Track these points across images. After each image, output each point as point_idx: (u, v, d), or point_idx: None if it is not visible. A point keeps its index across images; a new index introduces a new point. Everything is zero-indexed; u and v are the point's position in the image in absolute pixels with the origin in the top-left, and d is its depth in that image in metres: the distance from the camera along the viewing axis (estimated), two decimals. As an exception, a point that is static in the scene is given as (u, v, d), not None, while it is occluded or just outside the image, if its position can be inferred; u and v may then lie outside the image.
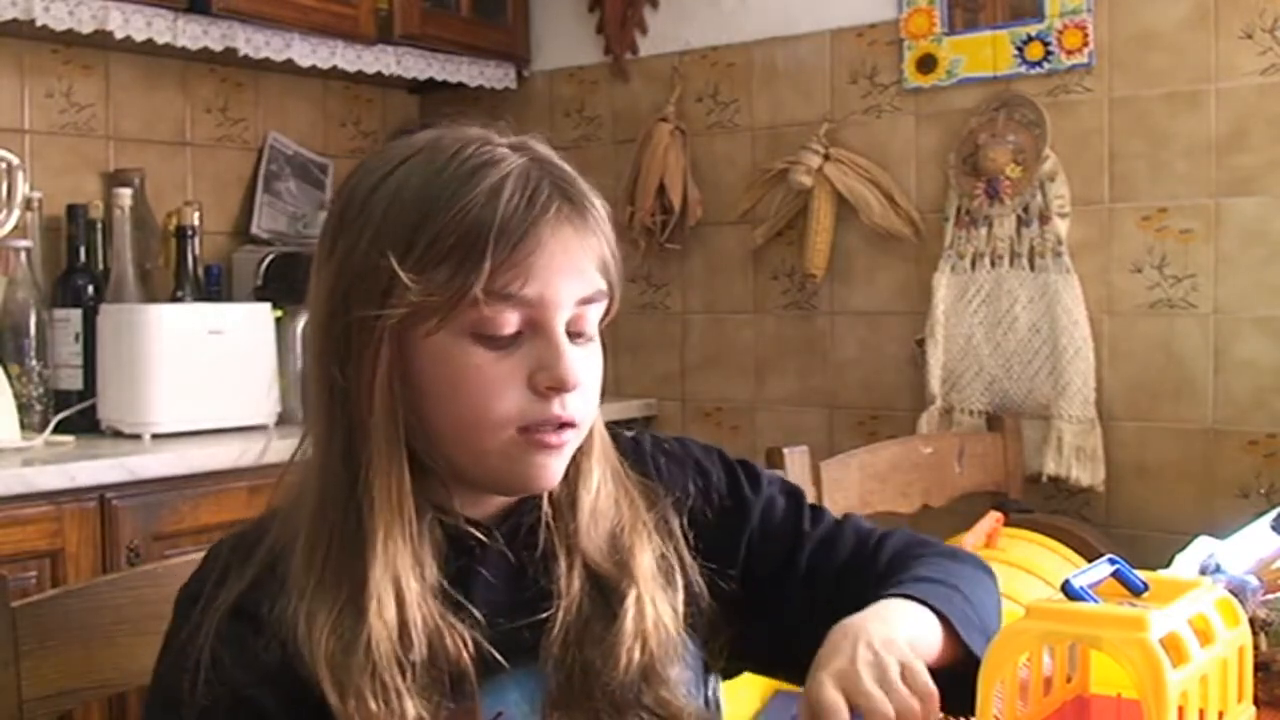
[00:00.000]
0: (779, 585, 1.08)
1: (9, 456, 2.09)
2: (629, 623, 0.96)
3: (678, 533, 1.04)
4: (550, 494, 0.99)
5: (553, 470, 0.96)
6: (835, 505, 1.99)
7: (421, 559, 0.92)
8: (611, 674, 0.95)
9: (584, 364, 0.95)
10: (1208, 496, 2.37)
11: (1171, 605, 0.86)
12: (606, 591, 0.98)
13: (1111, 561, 0.92)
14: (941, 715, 0.90)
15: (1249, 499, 2.31)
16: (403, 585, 0.90)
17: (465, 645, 0.91)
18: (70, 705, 1.13)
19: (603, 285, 0.96)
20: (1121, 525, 2.46)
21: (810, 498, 1.15)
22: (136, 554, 2.04)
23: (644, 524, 1.02)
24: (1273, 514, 1.66)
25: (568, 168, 0.96)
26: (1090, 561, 1.97)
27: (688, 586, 1.02)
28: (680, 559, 1.03)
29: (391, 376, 0.91)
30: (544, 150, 0.96)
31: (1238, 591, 1.19)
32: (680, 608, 1.01)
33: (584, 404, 0.95)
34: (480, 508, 0.99)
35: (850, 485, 2.06)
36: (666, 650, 0.98)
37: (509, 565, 0.98)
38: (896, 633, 0.92)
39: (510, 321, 0.91)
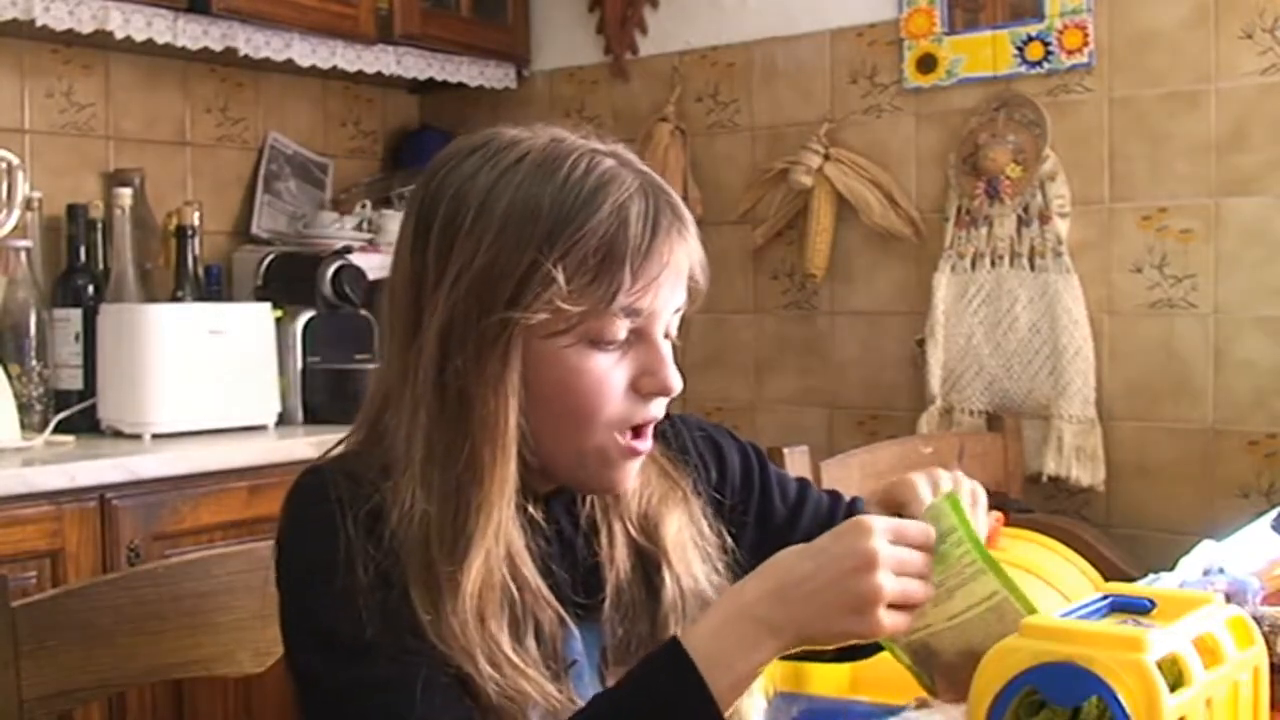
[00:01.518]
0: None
1: (9, 456, 2.09)
2: (669, 592, 1.05)
3: (706, 503, 1.13)
4: None
5: (634, 475, 1.03)
6: (835, 505, 1.99)
7: (514, 533, 0.99)
8: (661, 640, 1.02)
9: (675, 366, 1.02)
10: (1208, 496, 2.37)
11: (1174, 624, 0.83)
12: (646, 561, 1.07)
13: (1104, 597, 0.90)
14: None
15: (1249, 499, 2.31)
16: (509, 547, 0.98)
17: (550, 598, 0.99)
18: (70, 705, 1.14)
19: (693, 287, 1.03)
20: (1121, 525, 2.46)
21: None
22: (136, 554, 2.04)
23: (674, 495, 1.10)
24: (1273, 514, 1.66)
25: (662, 180, 1.02)
26: (1090, 561, 1.96)
27: (722, 551, 1.11)
28: (712, 527, 1.11)
29: (515, 376, 0.96)
30: (637, 161, 1.02)
31: (1237, 593, 1.19)
32: (715, 577, 1.09)
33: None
34: (542, 484, 1.05)
35: (850, 485, 2.06)
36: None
37: (566, 535, 1.06)
38: None
39: (624, 329, 0.98)
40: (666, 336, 1.02)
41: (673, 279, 1.00)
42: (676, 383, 1.01)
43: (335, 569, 0.93)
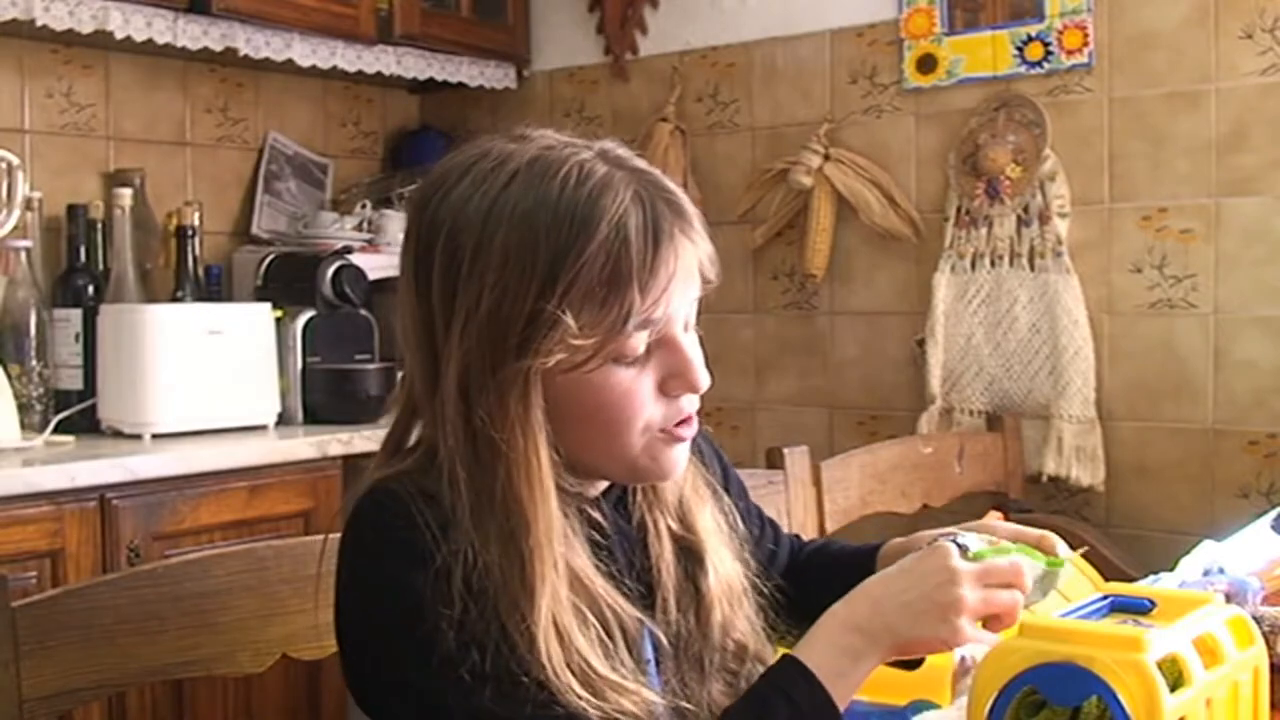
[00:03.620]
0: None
1: (9, 456, 2.09)
2: (710, 584, 1.07)
3: (720, 494, 1.15)
4: None
5: (684, 458, 1.03)
6: (835, 505, 1.99)
7: (570, 537, 0.99)
8: (706, 636, 1.06)
9: (702, 359, 1.01)
10: (1208, 496, 2.37)
11: (1174, 624, 0.83)
12: (686, 552, 1.09)
13: (1104, 597, 0.91)
14: None
15: (1249, 499, 2.31)
16: (575, 572, 0.98)
17: (626, 605, 0.99)
18: (70, 705, 1.13)
19: (705, 280, 1.02)
20: (1121, 525, 2.46)
21: (810, 498, 1.30)
22: (136, 554, 2.04)
23: (703, 486, 1.12)
24: (1273, 514, 1.66)
25: (658, 174, 1.01)
26: (1090, 562, 1.95)
27: (741, 542, 1.14)
28: (728, 518, 1.14)
29: (539, 414, 0.95)
30: (630, 156, 1.00)
31: (1237, 593, 1.19)
32: (739, 566, 1.11)
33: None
34: (591, 485, 1.05)
35: (850, 485, 2.06)
36: (742, 604, 1.10)
37: (618, 533, 1.06)
38: None
39: (644, 341, 0.98)
40: (687, 329, 1.01)
41: (683, 281, 0.98)
42: (704, 379, 1.00)
43: (451, 602, 0.92)
